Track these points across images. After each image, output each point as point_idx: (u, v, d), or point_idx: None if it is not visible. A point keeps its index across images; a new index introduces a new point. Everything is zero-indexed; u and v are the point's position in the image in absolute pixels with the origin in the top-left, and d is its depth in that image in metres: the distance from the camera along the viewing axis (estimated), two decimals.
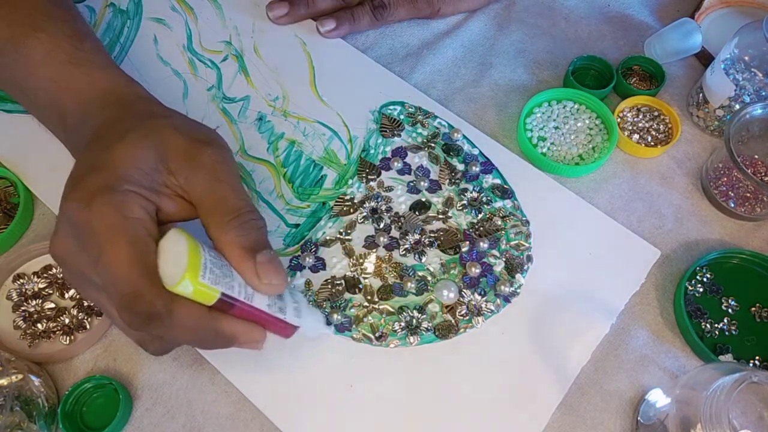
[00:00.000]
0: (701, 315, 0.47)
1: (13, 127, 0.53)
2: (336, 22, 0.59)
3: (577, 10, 0.64)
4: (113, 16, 0.60)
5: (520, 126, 0.54)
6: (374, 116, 0.55)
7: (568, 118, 0.55)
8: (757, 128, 0.51)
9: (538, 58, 0.60)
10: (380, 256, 0.49)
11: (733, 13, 0.63)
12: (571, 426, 0.43)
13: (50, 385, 0.43)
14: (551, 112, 0.55)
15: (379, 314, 0.47)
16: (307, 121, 0.55)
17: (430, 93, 0.57)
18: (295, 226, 0.50)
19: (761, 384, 0.35)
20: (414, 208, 0.51)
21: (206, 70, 0.57)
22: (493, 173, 0.52)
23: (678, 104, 0.57)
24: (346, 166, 0.53)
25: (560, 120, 0.55)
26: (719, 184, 0.52)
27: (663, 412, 0.40)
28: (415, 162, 0.53)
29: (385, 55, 0.59)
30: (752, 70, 0.51)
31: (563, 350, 0.46)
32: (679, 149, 0.55)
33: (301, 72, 0.58)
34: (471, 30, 0.61)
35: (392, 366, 0.45)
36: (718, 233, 0.51)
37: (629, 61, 0.58)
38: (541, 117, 0.55)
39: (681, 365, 0.46)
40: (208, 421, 0.43)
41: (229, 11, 0.61)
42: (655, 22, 0.63)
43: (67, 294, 0.47)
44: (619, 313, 0.47)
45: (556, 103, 0.56)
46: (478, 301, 0.47)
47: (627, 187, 0.53)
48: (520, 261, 0.49)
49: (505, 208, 0.51)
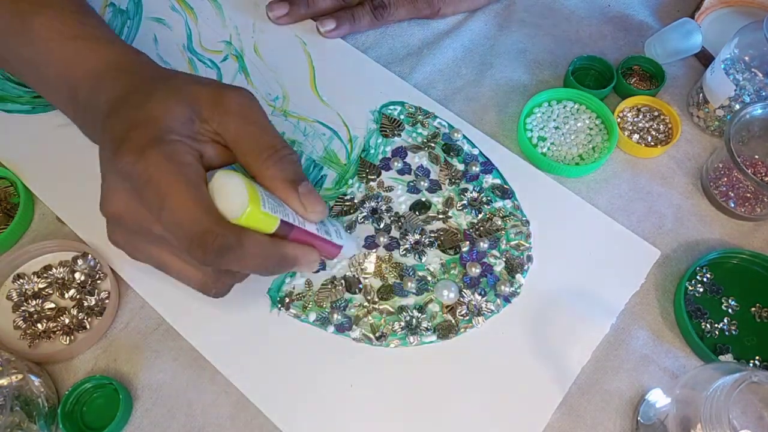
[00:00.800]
0: (701, 315, 0.47)
1: (13, 127, 0.53)
2: (336, 22, 0.59)
3: (577, 11, 0.64)
4: (113, 16, 0.60)
5: (520, 126, 0.54)
6: (374, 116, 0.55)
7: (568, 118, 0.55)
8: (757, 128, 0.51)
9: (539, 58, 0.60)
10: (380, 256, 0.49)
11: (733, 13, 0.63)
12: (571, 426, 0.43)
13: (50, 385, 0.43)
14: (551, 112, 0.55)
15: (379, 314, 0.47)
16: (307, 121, 0.55)
17: (430, 93, 0.57)
18: None
19: (761, 384, 0.35)
20: (414, 208, 0.51)
21: (206, 69, 0.57)
22: (493, 173, 0.52)
23: (678, 104, 0.57)
24: (346, 166, 0.53)
25: (560, 120, 0.55)
26: (719, 184, 0.52)
27: (663, 412, 0.40)
28: (415, 162, 0.53)
29: (386, 55, 0.59)
30: (752, 70, 0.51)
31: (563, 350, 0.46)
32: (679, 149, 0.55)
33: (301, 72, 0.58)
34: (471, 30, 0.61)
35: (392, 366, 0.45)
36: (718, 233, 0.51)
37: (629, 61, 0.58)
38: (541, 117, 0.55)
39: (681, 365, 0.46)
40: (208, 421, 0.43)
41: (229, 11, 0.61)
42: (655, 22, 0.63)
43: (67, 294, 0.47)
44: (619, 313, 0.47)
45: (556, 103, 0.56)
46: (479, 301, 0.47)
47: (627, 187, 0.53)
48: (521, 261, 0.49)
49: (505, 208, 0.51)
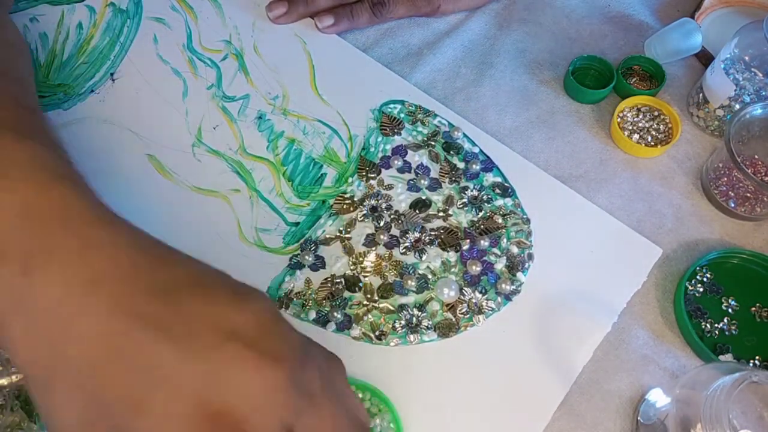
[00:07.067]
0: (701, 315, 0.47)
1: None
2: (334, 18, 0.59)
3: (577, 10, 0.64)
4: (113, 16, 0.59)
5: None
6: (374, 115, 0.55)
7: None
8: (757, 128, 0.51)
9: (539, 58, 0.60)
10: (380, 255, 0.49)
11: (733, 13, 0.63)
12: (571, 426, 0.43)
13: None
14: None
15: (379, 313, 0.46)
16: (307, 120, 0.55)
17: (430, 92, 0.57)
18: (295, 225, 0.50)
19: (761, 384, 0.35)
20: (414, 207, 0.51)
21: (206, 69, 0.57)
22: (493, 171, 0.52)
23: (678, 104, 0.57)
24: (346, 165, 0.53)
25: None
26: (719, 184, 0.52)
27: (663, 412, 0.40)
28: (415, 160, 0.53)
29: (386, 55, 0.59)
30: (752, 70, 0.51)
31: (564, 349, 0.45)
32: (679, 149, 0.55)
33: (301, 71, 0.58)
34: (471, 29, 0.61)
35: (392, 365, 0.45)
36: (718, 233, 0.51)
37: (629, 61, 0.58)
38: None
39: (681, 365, 0.46)
40: None
41: (229, 10, 0.61)
42: (655, 22, 0.63)
43: None
44: (621, 311, 0.47)
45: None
46: (479, 299, 0.47)
47: (627, 187, 0.53)
48: (521, 259, 0.49)
49: (506, 207, 0.51)
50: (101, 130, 0.53)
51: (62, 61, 0.56)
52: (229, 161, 0.52)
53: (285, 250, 0.49)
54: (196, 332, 0.27)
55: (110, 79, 0.55)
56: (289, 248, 0.49)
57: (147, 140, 0.52)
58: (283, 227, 0.50)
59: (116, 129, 0.53)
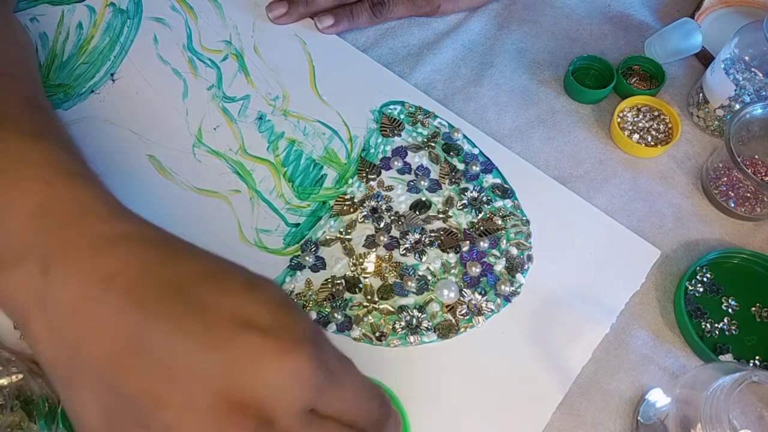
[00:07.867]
0: (701, 315, 0.47)
1: None
2: (334, 18, 0.59)
3: (577, 10, 0.64)
4: (113, 16, 0.59)
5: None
6: (374, 116, 0.55)
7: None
8: (757, 128, 0.51)
9: (539, 58, 0.60)
10: (380, 256, 0.49)
11: (733, 13, 0.63)
12: (571, 426, 0.43)
13: (50, 384, 0.43)
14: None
15: (380, 314, 0.47)
16: (307, 121, 0.55)
17: (430, 93, 0.57)
18: (295, 226, 0.50)
19: (761, 384, 0.35)
20: (414, 208, 0.51)
21: (206, 69, 0.57)
22: (493, 173, 0.52)
23: (678, 104, 0.57)
24: (346, 166, 0.53)
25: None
26: (719, 184, 0.52)
27: (663, 412, 0.40)
28: (415, 161, 0.53)
29: (386, 55, 0.59)
30: (752, 70, 0.51)
31: (564, 350, 0.46)
32: (679, 149, 0.55)
33: (301, 71, 0.58)
34: (471, 30, 0.61)
35: (392, 366, 0.45)
36: (718, 233, 0.51)
37: (629, 61, 0.58)
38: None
39: (681, 365, 0.46)
40: None
41: (229, 11, 0.61)
42: (655, 22, 0.63)
43: None
44: (620, 312, 0.47)
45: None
46: (479, 300, 0.47)
47: (627, 187, 0.53)
48: (521, 260, 0.49)
49: (506, 208, 0.51)
50: (101, 131, 0.53)
51: (62, 61, 0.56)
52: (230, 162, 0.52)
53: (285, 251, 0.49)
54: (211, 324, 0.27)
55: (110, 80, 0.55)
56: (290, 249, 0.49)
57: (147, 140, 0.53)
58: (284, 228, 0.50)
59: (116, 129, 0.53)
